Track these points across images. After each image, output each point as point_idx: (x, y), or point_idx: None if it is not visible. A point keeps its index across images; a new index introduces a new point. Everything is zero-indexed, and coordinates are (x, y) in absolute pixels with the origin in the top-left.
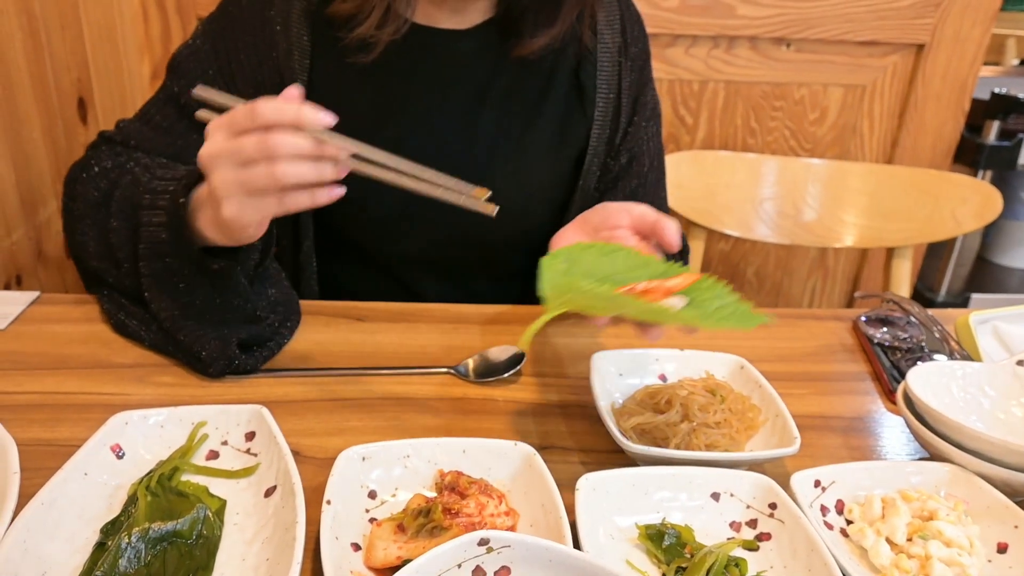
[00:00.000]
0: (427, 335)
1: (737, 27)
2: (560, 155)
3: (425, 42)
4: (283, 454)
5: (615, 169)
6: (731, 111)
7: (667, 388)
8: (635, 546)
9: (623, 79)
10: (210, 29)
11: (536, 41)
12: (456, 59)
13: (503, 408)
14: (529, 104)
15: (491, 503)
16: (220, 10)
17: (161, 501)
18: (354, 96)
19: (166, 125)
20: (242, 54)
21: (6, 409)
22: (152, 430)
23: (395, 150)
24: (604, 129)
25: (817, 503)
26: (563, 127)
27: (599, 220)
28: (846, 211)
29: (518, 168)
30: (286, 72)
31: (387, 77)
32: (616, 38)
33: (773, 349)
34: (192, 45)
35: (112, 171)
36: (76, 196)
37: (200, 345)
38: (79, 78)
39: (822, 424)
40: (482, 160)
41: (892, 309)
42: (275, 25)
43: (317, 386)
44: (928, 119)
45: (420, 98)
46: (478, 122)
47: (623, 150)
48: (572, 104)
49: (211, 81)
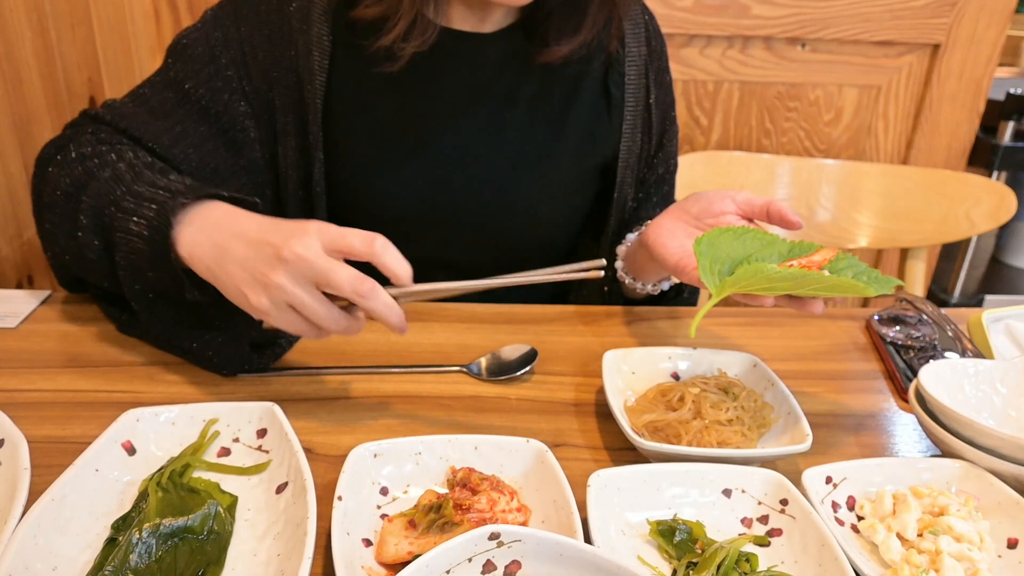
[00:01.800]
0: (440, 334)
1: (752, 27)
2: (586, 163)
3: (449, 46)
4: (295, 451)
5: (652, 180)
6: (746, 112)
7: (679, 386)
8: (646, 542)
9: (651, 91)
10: (222, 16)
11: (560, 49)
12: (481, 64)
13: (516, 406)
14: (555, 110)
15: (502, 499)
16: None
17: (172, 497)
18: (376, 100)
19: (165, 109)
20: (258, 47)
21: (18, 407)
22: (164, 427)
23: (419, 155)
24: (634, 141)
25: (828, 499)
26: (590, 135)
27: (700, 209)
28: (860, 212)
29: (543, 174)
30: (304, 72)
31: (411, 81)
32: (642, 49)
33: (787, 348)
34: (200, 30)
35: (90, 158)
36: (47, 179)
37: (210, 348)
38: (90, 77)
39: (834, 422)
40: (507, 165)
41: (905, 308)
42: (294, 20)
43: (329, 384)
44: (943, 120)
45: (444, 103)
46: (504, 127)
47: (659, 162)
48: (600, 113)
49: (222, 70)
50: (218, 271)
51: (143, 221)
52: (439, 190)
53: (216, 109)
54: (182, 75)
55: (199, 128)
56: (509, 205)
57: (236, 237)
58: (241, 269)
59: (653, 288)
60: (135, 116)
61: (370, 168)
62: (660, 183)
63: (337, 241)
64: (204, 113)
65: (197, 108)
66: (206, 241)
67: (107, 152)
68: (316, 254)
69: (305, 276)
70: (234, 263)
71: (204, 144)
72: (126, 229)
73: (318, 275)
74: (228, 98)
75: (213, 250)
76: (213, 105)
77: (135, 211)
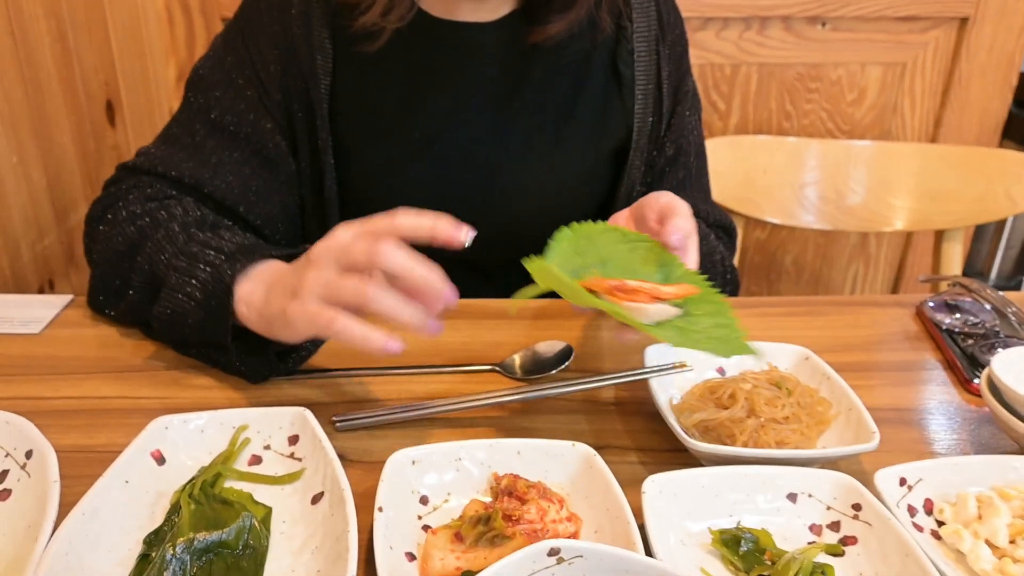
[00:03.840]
0: (469, 331)
1: (770, 7)
2: (599, 147)
3: (449, 37)
4: (329, 458)
5: (661, 162)
6: (765, 95)
7: (729, 382)
8: (708, 552)
9: (662, 68)
10: (230, 39)
11: (552, 27)
12: (483, 53)
13: (553, 406)
14: (564, 95)
15: (552, 508)
16: (239, 20)
17: (205, 509)
18: (380, 98)
19: (196, 142)
20: (268, 61)
21: (43, 415)
22: (193, 435)
23: (427, 152)
24: (645, 122)
25: (904, 503)
26: (602, 119)
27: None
28: (892, 194)
29: (555, 162)
30: (310, 78)
31: (413, 76)
32: (652, 25)
33: (835, 338)
34: (212, 58)
35: (141, 217)
36: (97, 238)
37: (236, 357)
38: (106, 81)
39: (896, 417)
40: (517, 154)
41: (960, 293)
42: (295, 27)
43: (357, 386)
44: (973, 96)
45: (449, 95)
46: (512, 116)
47: (668, 142)
48: (611, 95)
49: (241, 92)
50: (265, 311)
51: (196, 283)
52: (449, 186)
53: (245, 131)
54: (205, 105)
55: (233, 154)
56: (521, 196)
57: (280, 277)
58: (280, 296)
59: None
60: (171, 158)
61: (379, 168)
62: (674, 166)
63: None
64: (234, 138)
65: (227, 135)
66: (259, 292)
67: (156, 210)
68: (336, 241)
69: (330, 265)
70: (275, 294)
71: (241, 169)
72: (179, 289)
73: (339, 257)
74: (254, 118)
75: (264, 297)
76: (241, 128)
77: (188, 271)
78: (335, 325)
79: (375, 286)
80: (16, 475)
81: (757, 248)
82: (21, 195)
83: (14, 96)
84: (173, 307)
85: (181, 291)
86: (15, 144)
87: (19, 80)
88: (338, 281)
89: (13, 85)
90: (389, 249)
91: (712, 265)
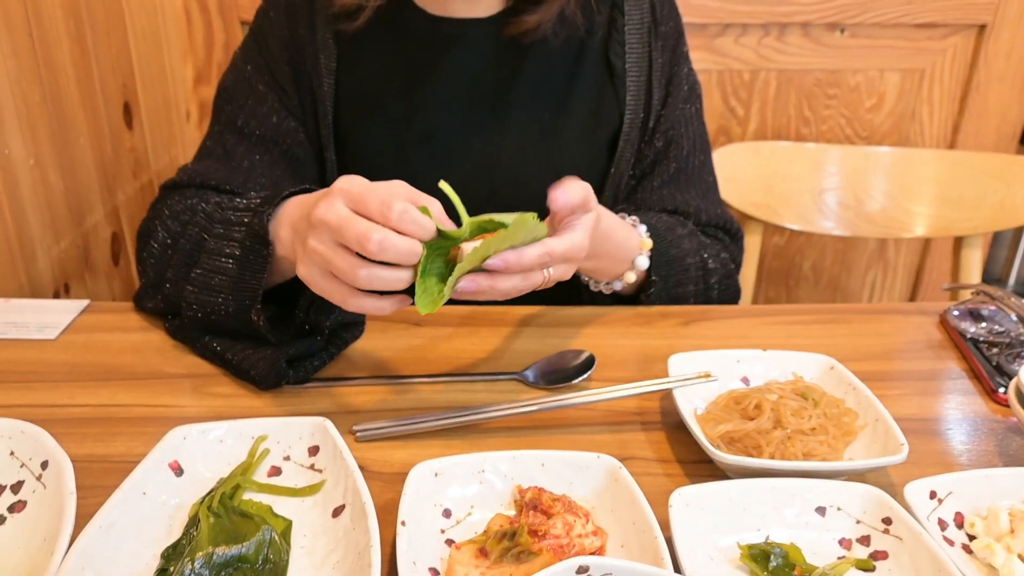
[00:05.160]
0: (489, 339)
1: (788, 14)
2: (595, 138)
3: (443, 33)
4: (350, 470)
5: (650, 153)
6: (783, 101)
7: (754, 392)
8: (737, 567)
9: (654, 60)
10: (247, 50)
11: (526, 20)
12: (477, 48)
13: (575, 416)
14: (559, 88)
15: (578, 522)
16: (254, 29)
17: (224, 522)
18: (382, 95)
19: (227, 151)
20: (283, 65)
21: (59, 423)
22: (212, 445)
23: (426, 146)
24: (637, 112)
25: (934, 516)
26: (596, 110)
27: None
28: (912, 200)
29: (551, 153)
30: (314, 77)
31: (412, 71)
32: (645, 18)
33: (858, 347)
34: (233, 71)
35: (183, 213)
36: (146, 247)
37: (249, 364)
38: (124, 83)
39: (921, 427)
40: (514, 146)
41: (983, 301)
42: (301, 29)
43: (376, 395)
44: (992, 102)
45: (445, 90)
46: (507, 110)
47: (658, 133)
48: (604, 87)
49: (263, 97)
50: (290, 254)
51: (234, 242)
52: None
53: (270, 135)
54: (232, 115)
55: (263, 157)
56: (519, 187)
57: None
58: (296, 246)
59: (606, 287)
60: (207, 169)
61: (381, 163)
62: (664, 159)
63: (357, 202)
64: (262, 141)
65: (255, 140)
66: (285, 234)
67: (196, 204)
68: (335, 213)
69: (330, 237)
70: (295, 243)
71: (272, 170)
72: (218, 252)
73: (336, 235)
74: (277, 120)
75: (289, 238)
76: (267, 132)
77: (226, 235)
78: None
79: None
80: (32, 486)
81: (776, 253)
82: (38, 198)
83: (32, 98)
84: (210, 268)
85: (220, 253)
86: (32, 146)
87: (37, 82)
88: (333, 258)
89: (31, 87)
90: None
91: (683, 269)
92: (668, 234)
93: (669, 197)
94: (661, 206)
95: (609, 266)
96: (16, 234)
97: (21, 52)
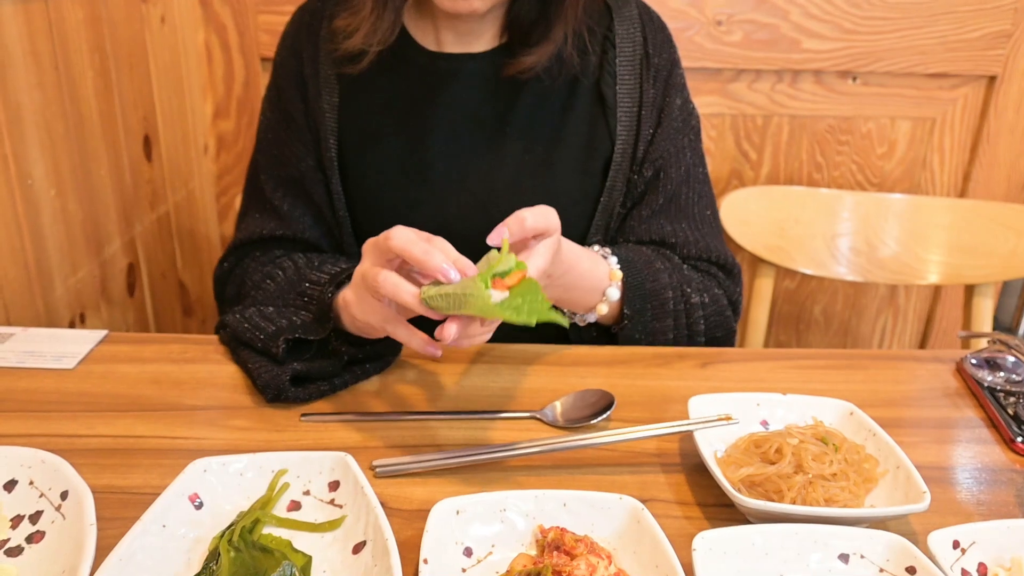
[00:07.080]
0: (507, 376)
1: (802, 61)
2: (588, 169)
3: (442, 67)
4: (372, 506)
5: (640, 183)
6: (796, 146)
7: (775, 436)
8: None
9: (644, 91)
10: (270, 96)
11: (525, 60)
12: (472, 82)
13: (595, 456)
14: (552, 120)
15: (601, 564)
16: (272, 75)
17: (244, 557)
18: (382, 130)
19: (266, 198)
20: (296, 105)
21: (77, 453)
22: (232, 478)
23: (423, 179)
24: (628, 143)
25: (958, 566)
26: (589, 141)
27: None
28: (924, 247)
29: (546, 185)
30: (318, 113)
31: (410, 106)
32: (637, 50)
33: (875, 392)
34: (262, 119)
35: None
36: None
37: (258, 373)
38: (145, 116)
39: (942, 476)
40: (508, 179)
41: (999, 350)
42: (306, 68)
43: (396, 431)
44: (1001, 152)
45: (443, 126)
46: (503, 142)
47: (647, 163)
48: (596, 117)
49: (287, 140)
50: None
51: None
52: (445, 212)
53: (298, 175)
54: (267, 165)
55: (298, 197)
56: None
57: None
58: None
59: (580, 319)
60: (259, 223)
61: (381, 195)
62: (653, 189)
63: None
64: (298, 184)
65: (291, 183)
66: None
67: (273, 269)
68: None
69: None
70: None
71: (309, 206)
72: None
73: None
74: (298, 161)
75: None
76: (295, 172)
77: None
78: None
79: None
80: (51, 516)
81: (787, 297)
82: (57, 227)
83: (56, 129)
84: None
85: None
86: (54, 177)
87: (61, 114)
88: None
89: (55, 118)
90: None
91: (660, 303)
92: (645, 268)
93: (657, 227)
94: (648, 236)
95: (579, 297)
96: (35, 262)
97: (47, 84)
